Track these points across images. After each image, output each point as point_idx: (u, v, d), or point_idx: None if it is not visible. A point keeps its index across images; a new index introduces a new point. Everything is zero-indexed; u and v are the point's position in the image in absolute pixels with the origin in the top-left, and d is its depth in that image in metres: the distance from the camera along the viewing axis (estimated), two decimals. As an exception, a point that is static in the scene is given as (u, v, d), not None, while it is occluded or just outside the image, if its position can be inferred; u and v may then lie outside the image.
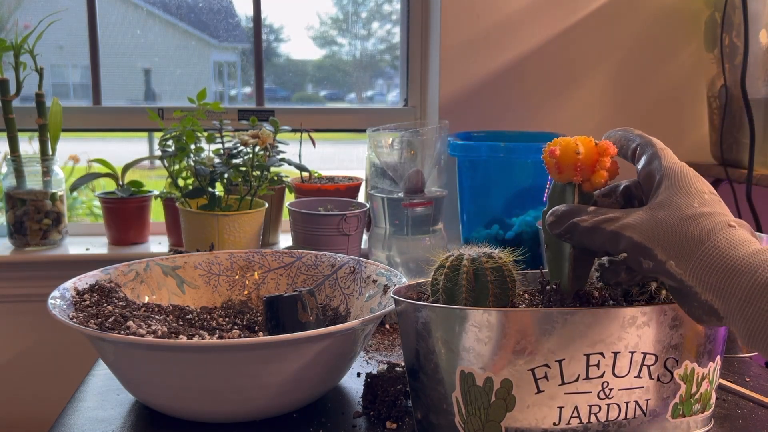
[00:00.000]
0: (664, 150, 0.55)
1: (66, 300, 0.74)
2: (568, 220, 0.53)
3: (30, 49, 1.38)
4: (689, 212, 0.49)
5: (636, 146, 0.56)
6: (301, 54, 1.77)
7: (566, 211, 0.54)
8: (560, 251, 0.57)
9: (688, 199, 0.50)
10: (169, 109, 1.54)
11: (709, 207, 0.50)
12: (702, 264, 0.47)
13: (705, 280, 0.47)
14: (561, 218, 0.54)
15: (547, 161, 0.57)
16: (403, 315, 0.61)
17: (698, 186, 0.51)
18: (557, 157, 0.55)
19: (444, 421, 0.59)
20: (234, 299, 0.90)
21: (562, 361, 0.55)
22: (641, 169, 0.55)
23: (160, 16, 1.68)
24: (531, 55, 1.53)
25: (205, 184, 1.21)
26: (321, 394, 0.73)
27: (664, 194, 0.51)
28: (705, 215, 0.49)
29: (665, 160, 0.53)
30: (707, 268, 0.47)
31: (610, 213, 0.52)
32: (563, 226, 0.54)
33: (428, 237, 1.24)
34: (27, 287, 1.45)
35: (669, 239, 0.49)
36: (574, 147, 0.55)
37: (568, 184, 0.56)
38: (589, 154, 0.55)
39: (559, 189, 0.58)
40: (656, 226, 0.49)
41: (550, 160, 0.56)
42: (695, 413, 0.60)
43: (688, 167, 0.53)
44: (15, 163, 1.41)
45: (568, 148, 0.55)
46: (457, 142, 1.28)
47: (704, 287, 0.47)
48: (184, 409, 0.67)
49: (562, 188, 0.57)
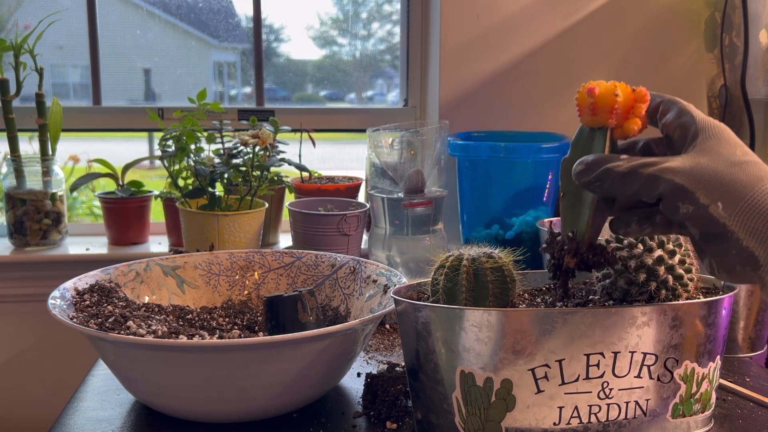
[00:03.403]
0: (691, 106, 0.55)
1: (66, 300, 0.74)
2: (600, 167, 0.52)
3: (30, 49, 1.38)
4: (734, 160, 0.49)
5: (659, 102, 0.56)
6: (301, 54, 1.77)
7: (598, 158, 0.52)
8: (579, 201, 0.56)
9: (731, 148, 0.50)
10: (169, 109, 1.54)
11: (752, 157, 0.50)
12: (749, 208, 0.47)
13: (750, 225, 0.47)
14: (592, 165, 0.52)
15: (581, 101, 0.55)
16: (403, 315, 0.61)
17: (737, 138, 0.52)
18: (595, 97, 0.54)
19: (444, 421, 0.59)
20: (234, 299, 0.90)
21: (562, 361, 0.55)
22: (670, 122, 0.54)
23: (160, 16, 1.68)
24: (531, 55, 1.53)
25: (205, 184, 1.21)
26: (321, 394, 0.73)
27: (704, 144, 0.51)
28: (750, 164, 0.49)
29: (696, 114, 0.53)
30: (754, 213, 0.47)
31: (645, 158, 0.51)
32: (594, 173, 0.52)
33: (428, 237, 1.24)
34: (27, 287, 1.45)
35: (714, 184, 0.48)
36: (613, 88, 0.53)
37: (599, 130, 0.55)
38: (626, 99, 0.54)
39: (587, 135, 0.56)
40: (700, 171, 0.49)
41: (585, 100, 0.54)
42: (695, 413, 0.60)
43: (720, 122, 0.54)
44: (15, 163, 1.41)
45: (607, 89, 0.53)
46: (457, 142, 1.28)
47: (748, 232, 0.47)
48: (184, 409, 0.67)
49: (590, 135, 0.55)
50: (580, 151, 0.55)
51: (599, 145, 0.55)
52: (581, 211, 0.55)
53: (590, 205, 0.55)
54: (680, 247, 0.62)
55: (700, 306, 0.58)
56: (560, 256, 0.56)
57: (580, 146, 0.56)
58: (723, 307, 0.60)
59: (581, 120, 0.56)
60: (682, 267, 0.61)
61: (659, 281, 0.60)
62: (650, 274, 0.60)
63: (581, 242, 0.55)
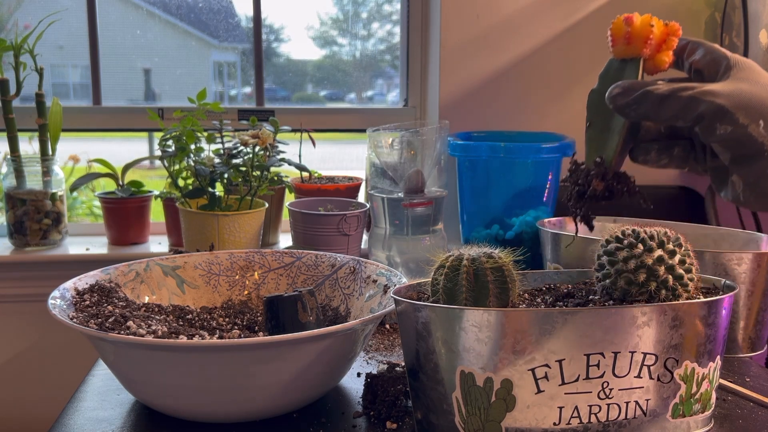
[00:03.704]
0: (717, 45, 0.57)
1: (66, 300, 0.74)
2: (638, 90, 0.54)
3: (30, 49, 1.38)
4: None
5: (686, 43, 0.58)
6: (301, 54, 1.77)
7: (636, 81, 0.54)
8: (607, 129, 0.57)
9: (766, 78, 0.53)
10: (169, 109, 1.54)
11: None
12: None
13: None
14: (630, 88, 0.54)
15: (616, 31, 0.56)
16: (403, 315, 0.61)
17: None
18: (632, 25, 0.55)
19: (444, 421, 0.59)
20: (234, 299, 0.90)
21: (562, 361, 0.55)
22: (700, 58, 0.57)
23: (160, 16, 1.68)
24: (531, 55, 1.53)
25: (205, 184, 1.21)
26: (321, 394, 0.73)
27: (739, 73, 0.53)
28: None
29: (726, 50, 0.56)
30: None
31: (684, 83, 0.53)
32: (632, 96, 0.54)
33: (428, 237, 1.24)
34: (27, 287, 1.45)
35: (755, 104, 0.51)
36: (649, 19, 0.55)
37: (630, 61, 0.56)
38: (660, 31, 0.55)
39: (617, 67, 0.57)
40: (740, 94, 0.51)
41: (621, 29, 0.56)
42: (695, 413, 0.60)
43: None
44: (15, 163, 1.41)
45: (644, 19, 0.55)
46: (457, 142, 1.28)
47: None
48: (184, 409, 0.67)
49: (621, 66, 0.57)
50: (610, 81, 0.56)
51: (630, 75, 0.56)
52: (609, 138, 0.57)
53: (619, 132, 0.57)
54: (680, 247, 0.62)
55: (700, 306, 0.58)
56: (586, 182, 0.58)
57: (610, 77, 0.58)
58: (723, 307, 0.60)
59: (613, 51, 0.58)
60: (682, 267, 0.61)
61: (659, 281, 0.60)
62: (650, 274, 0.60)
63: (609, 167, 0.57)
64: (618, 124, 0.57)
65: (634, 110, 0.54)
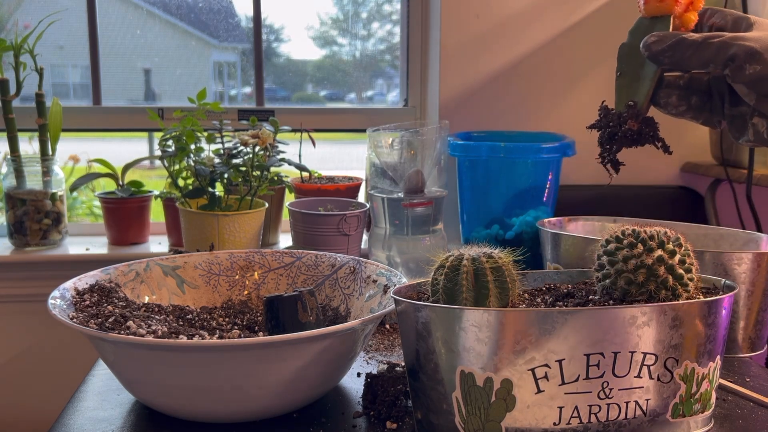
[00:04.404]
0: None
1: (66, 300, 0.74)
2: (673, 38, 0.60)
3: (30, 49, 1.38)
4: None
5: (706, 9, 0.64)
6: (301, 54, 1.77)
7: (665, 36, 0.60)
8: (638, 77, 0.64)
9: None
10: (169, 109, 1.54)
11: None
12: None
13: None
14: (665, 37, 0.60)
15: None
16: (403, 315, 0.61)
17: None
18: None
19: (444, 421, 0.59)
20: (234, 299, 0.90)
21: (562, 361, 0.55)
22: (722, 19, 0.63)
23: (160, 16, 1.68)
24: (531, 55, 1.53)
25: (205, 184, 1.21)
26: (321, 394, 0.73)
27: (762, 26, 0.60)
28: None
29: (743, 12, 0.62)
30: None
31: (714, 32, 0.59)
32: (667, 42, 0.60)
33: (428, 237, 1.24)
34: (27, 287, 1.45)
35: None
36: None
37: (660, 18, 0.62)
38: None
39: (647, 24, 0.63)
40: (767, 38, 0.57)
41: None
42: (695, 413, 0.60)
43: None
44: (15, 163, 1.41)
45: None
46: (457, 142, 1.28)
47: None
48: (184, 409, 0.67)
49: (650, 23, 0.63)
50: (642, 35, 0.62)
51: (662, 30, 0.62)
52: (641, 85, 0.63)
53: (651, 79, 0.63)
54: (680, 247, 0.62)
55: (700, 306, 0.58)
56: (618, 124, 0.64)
57: (641, 31, 0.63)
58: (723, 307, 0.60)
59: (645, 9, 0.63)
60: (682, 267, 0.61)
61: (659, 281, 0.60)
62: (650, 274, 0.60)
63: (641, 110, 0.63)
64: (649, 72, 0.62)
65: (669, 56, 0.60)
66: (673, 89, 0.64)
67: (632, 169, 1.58)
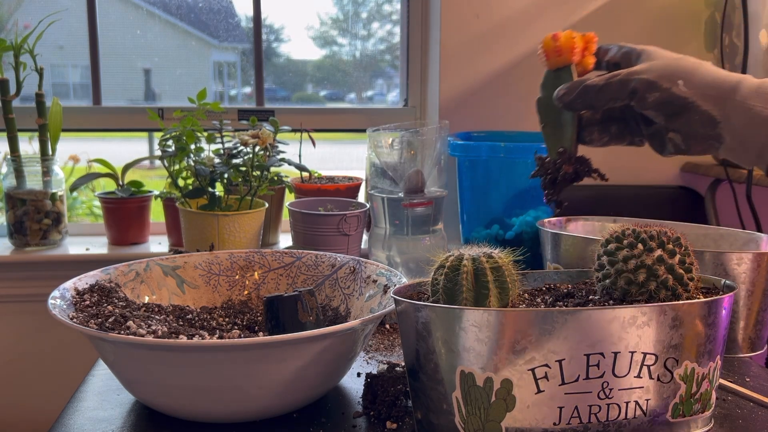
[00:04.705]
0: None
1: (66, 300, 0.74)
2: (579, 86, 0.66)
3: (30, 49, 1.38)
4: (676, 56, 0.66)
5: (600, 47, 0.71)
6: (301, 54, 1.77)
7: (575, 81, 0.67)
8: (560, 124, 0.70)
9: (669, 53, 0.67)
10: (169, 109, 1.54)
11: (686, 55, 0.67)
12: (701, 81, 0.63)
13: (705, 92, 0.63)
14: (572, 87, 0.67)
15: (547, 47, 0.69)
16: (403, 315, 0.61)
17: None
18: (560, 40, 0.68)
19: (444, 421, 0.59)
20: (234, 299, 0.90)
21: (562, 361, 0.55)
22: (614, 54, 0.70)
23: (160, 16, 1.68)
24: (531, 55, 1.53)
25: (205, 184, 1.21)
26: (321, 394, 0.73)
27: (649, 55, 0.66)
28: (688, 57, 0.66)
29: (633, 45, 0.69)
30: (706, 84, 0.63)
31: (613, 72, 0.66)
32: (575, 92, 0.66)
33: (428, 237, 1.24)
34: (27, 287, 1.45)
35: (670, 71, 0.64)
36: (570, 33, 0.68)
37: (563, 69, 0.69)
38: (581, 40, 0.69)
39: (553, 76, 0.70)
40: (657, 67, 0.64)
41: (551, 45, 0.68)
42: (695, 413, 0.60)
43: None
44: (15, 163, 1.41)
45: (566, 34, 0.68)
46: (457, 142, 1.28)
47: (704, 99, 0.62)
48: (184, 409, 0.67)
49: (556, 75, 0.69)
50: (551, 88, 0.69)
51: (566, 79, 0.68)
52: (564, 131, 0.70)
53: (571, 124, 0.69)
54: (680, 247, 0.62)
55: (700, 306, 0.58)
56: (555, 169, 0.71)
57: (550, 84, 0.70)
58: (723, 307, 0.60)
59: (548, 64, 0.70)
60: (682, 267, 0.61)
61: (659, 281, 0.60)
62: (650, 274, 0.60)
63: (571, 154, 0.70)
64: (568, 118, 0.69)
65: (580, 103, 0.66)
66: (593, 126, 0.71)
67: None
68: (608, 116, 0.71)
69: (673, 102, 0.63)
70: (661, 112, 0.64)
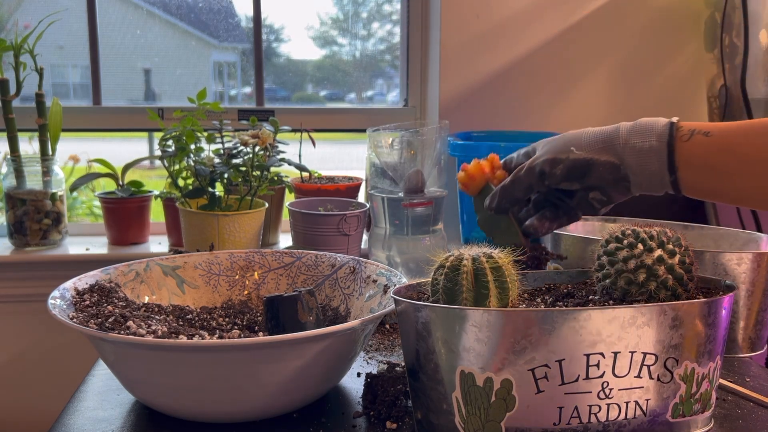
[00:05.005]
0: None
1: (66, 300, 0.74)
2: (497, 192, 0.77)
3: (30, 49, 1.38)
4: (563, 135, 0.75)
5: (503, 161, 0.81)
6: (301, 54, 1.77)
7: (493, 192, 0.78)
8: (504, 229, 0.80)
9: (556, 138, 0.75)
10: (169, 109, 1.54)
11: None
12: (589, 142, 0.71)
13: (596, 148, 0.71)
14: (493, 197, 0.77)
15: (463, 179, 0.80)
16: (403, 315, 0.61)
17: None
18: (468, 171, 0.80)
19: (444, 421, 0.59)
20: (234, 299, 0.90)
21: (562, 361, 0.55)
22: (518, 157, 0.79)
23: (160, 16, 1.68)
24: (531, 55, 1.53)
25: (205, 184, 1.21)
26: (321, 394, 0.73)
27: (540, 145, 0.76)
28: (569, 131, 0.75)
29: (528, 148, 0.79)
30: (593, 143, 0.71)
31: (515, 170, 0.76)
32: (498, 196, 0.77)
33: (428, 237, 1.24)
34: (27, 287, 1.45)
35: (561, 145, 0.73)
36: (477, 163, 0.80)
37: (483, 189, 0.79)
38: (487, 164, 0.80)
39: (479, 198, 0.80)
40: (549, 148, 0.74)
41: (463, 175, 0.80)
42: (695, 413, 0.60)
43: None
44: (15, 163, 1.41)
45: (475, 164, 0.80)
46: (457, 142, 1.28)
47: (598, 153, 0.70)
48: (184, 409, 0.67)
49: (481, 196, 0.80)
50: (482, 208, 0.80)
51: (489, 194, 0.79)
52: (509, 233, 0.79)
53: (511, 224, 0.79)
54: (680, 247, 0.62)
55: (700, 306, 0.58)
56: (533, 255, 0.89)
57: (480, 205, 0.80)
58: (723, 307, 0.60)
59: (469, 192, 0.81)
60: (682, 267, 0.61)
61: (659, 281, 0.60)
62: (650, 274, 0.60)
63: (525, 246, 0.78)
64: (505, 221, 0.79)
65: (505, 202, 0.76)
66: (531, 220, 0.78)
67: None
68: (538, 205, 0.79)
69: (576, 166, 0.71)
70: (573, 179, 0.72)
